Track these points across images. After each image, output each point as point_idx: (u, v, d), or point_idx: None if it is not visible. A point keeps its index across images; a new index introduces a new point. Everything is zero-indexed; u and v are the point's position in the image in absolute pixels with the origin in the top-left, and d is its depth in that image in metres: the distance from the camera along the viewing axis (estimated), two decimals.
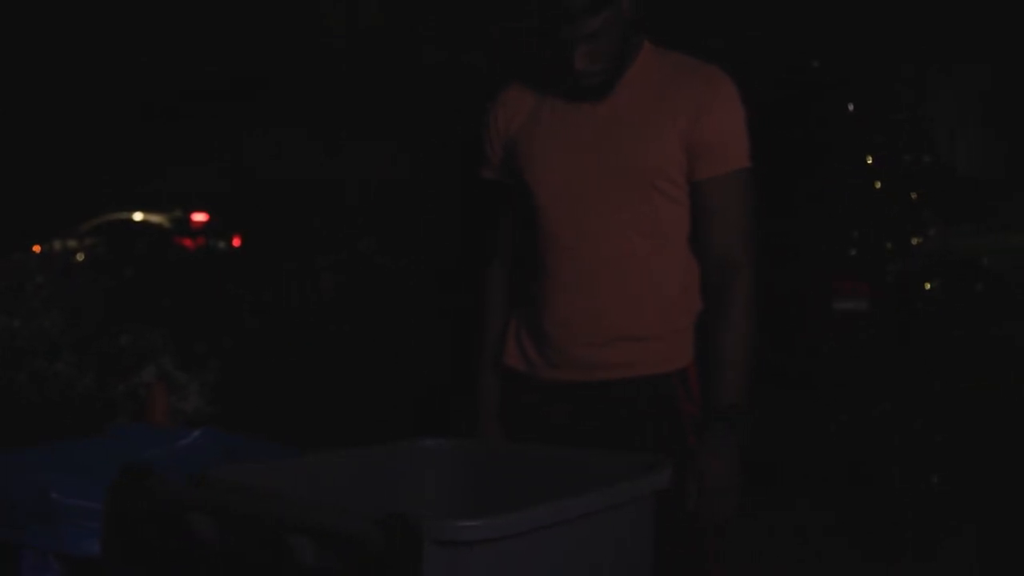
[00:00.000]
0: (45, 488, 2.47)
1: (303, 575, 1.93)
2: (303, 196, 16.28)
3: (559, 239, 2.60)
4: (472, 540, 1.90)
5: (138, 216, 18.82)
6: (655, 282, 2.60)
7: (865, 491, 5.13)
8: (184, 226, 18.49)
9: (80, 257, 15.13)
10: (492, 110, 2.74)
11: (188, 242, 17.73)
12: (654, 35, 2.62)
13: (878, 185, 5.35)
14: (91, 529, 2.36)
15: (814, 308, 5.06)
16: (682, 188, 2.57)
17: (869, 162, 5.40)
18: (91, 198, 19.30)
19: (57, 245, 17.05)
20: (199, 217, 18.45)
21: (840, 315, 5.12)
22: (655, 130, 2.52)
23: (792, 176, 5.18)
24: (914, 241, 6.36)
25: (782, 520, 4.73)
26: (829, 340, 5.08)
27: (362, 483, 2.50)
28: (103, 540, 2.21)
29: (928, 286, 5.94)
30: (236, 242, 17.69)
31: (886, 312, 5.17)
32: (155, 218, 18.54)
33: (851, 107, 5.37)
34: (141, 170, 21.97)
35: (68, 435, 3.03)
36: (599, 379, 2.61)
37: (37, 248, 16.40)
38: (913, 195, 6.52)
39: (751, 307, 2.55)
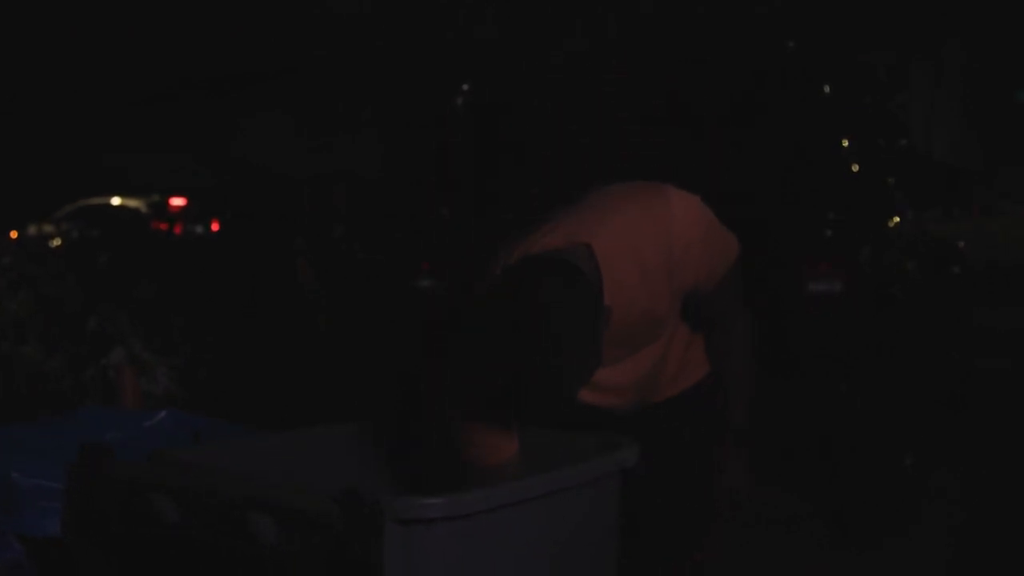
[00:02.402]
0: (6, 469, 2.45)
1: (264, 553, 1.91)
2: (284, 183, 16.31)
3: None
4: (433, 518, 1.89)
5: (116, 201, 18.73)
6: (687, 341, 2.64)
7: (835, 473, 5.13)
8: (162, 211, 18.41)
9: (56, 242, 15.06)
10: None
11: (165, 226, 17.67)
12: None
13: (855, 168, 5.34)
14: (52, 509, 2.34)
15: (787, 290, 5.04)
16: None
17: (844, 145, 5.39)
18: (69, 184, 19.23)
19: (33, 230, 16.96)
20: (177, 201, 18.38)
21: (815, 297, 5.11)
22: (650, 296, 2.41)
23: (765, 157, 5.16)
24: (889, 224, 6.36)
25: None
26: (803, 322, 5.07)
27: (324, 462, 2.49)
28: (63, 520, 2.19)
29: (907, 268, 5.93)
30: (214, 226, 17.66)
31: (862, 294, 5.16)
32: (133, 203, 18.45)
33: (827, 89, 5.35)
34: (121, 156, 21.92)
35: (32, 417, 3.01)
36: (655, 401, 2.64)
37: (14, 234, 16.33)
38: (889, 179, 6.50)
39: (752, 345, 2.64)
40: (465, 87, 3.74)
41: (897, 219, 6.96)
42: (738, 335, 2.62)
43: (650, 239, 2.33)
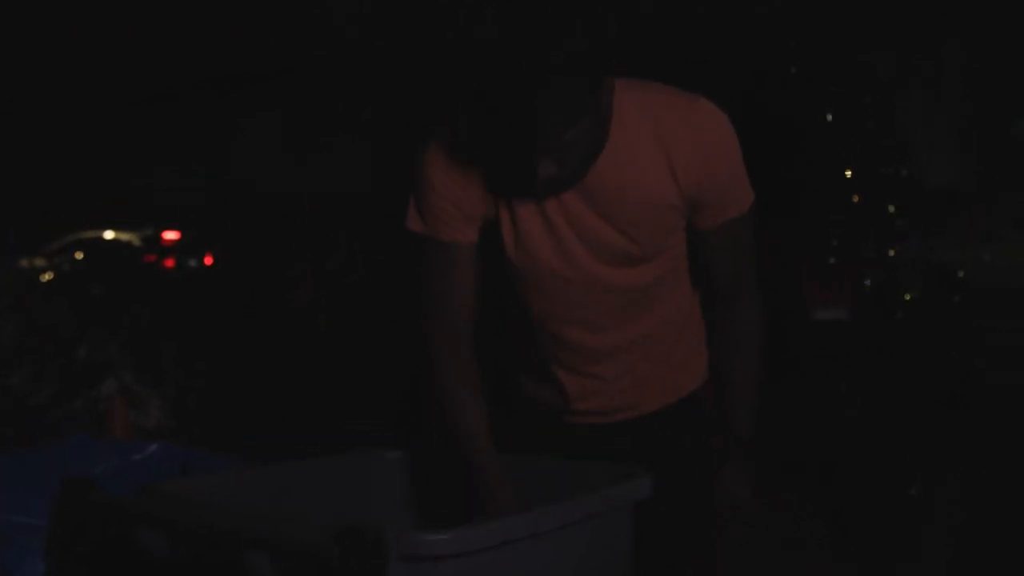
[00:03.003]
0: None
1: None
2: (275, 208, 16.21)
3: (556, 313, 2.35)
4: (440, 555, 1.78)
5: (109, 234, 18.66)
6: (674, 334, 2.45)
7: (840, 491, 5.05)
8: (155, 244, 18.35)
9: (47, 276, 14.95)
10: (430, 173, 2.23)
11: (157, 259, 17.59)
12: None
13: (856, 199, 5.26)
14: (36, 548, 2.22)
15: (792, 318, 4.94)
16: (682, 233, 2.33)
17: (848, 175, 5.30)
18: (64, 216, 19.14)
19: (24, 263, 16.86)
20: (170, 235, 18.31)
21: (820, 325, 5.00)
22: (655, 197, 2.21)
23: (770, 184, 5.08)
24: (891, 252, 6.28)
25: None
26: (808, 351, 4.96)
27: (323, 495, 2.37)
28: (47, 558, 2.08)
29: (908, 296, 5.86)
30: (208, 260, 17.59)
31: (867, 322, 5.07)
32: (126, 236, 18.37)
33: (829, 118, 5.25)
34: (115, 185, 21.81)
35: (17, 448, 2.89)
36: (630, 418, 2.50)
37: None
38: (891, 207, 6.45)
39: (760, 331, 2.45)
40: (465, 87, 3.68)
41: (898, 247, 6.90)
42: (747, 330, 2.42)
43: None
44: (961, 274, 8.47)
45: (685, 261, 2.40)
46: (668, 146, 2.16)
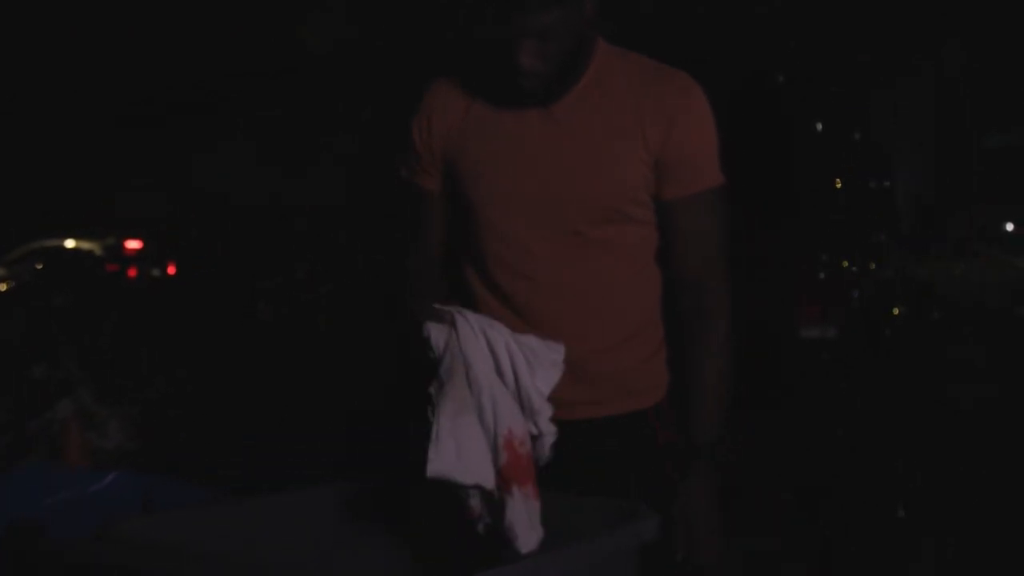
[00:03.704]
0: None
1: None
2: (245, 221, 15.98)
3: (509, 264, 2.30)
4: None
5: (70, 243, 18.37)
6: (624, 308, 2.34)
7: (820, 519, 4.95)
8: (117, 253, 18.07)
9: (4, 287, 14.62)
10: (425, 107, 2.38)
11: (120, 269, 17.32)
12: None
13: (845, 212, 5.13)
14: None
15: (779, 336, 4.78)
16: (649, 207, 2.30)
17: (838, 186, 5.15)
18: (23, 225, 18.83)
19: None
20: (133, 244, 18.03)
21: (807, 344, 4.84)
22: (621, 147, 2.23)
23: (756, 196, 4.93)
24: (871, 266, 6.17)
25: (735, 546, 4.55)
26: (794, 370, 4.81)
27: (293, 532, 2.17)
28: None
29: (896, 312, 5.72)
30: (171, 270, 17.30)
31: (855, 339, 4.93)
32: (87, 245, 18.08)
33: (819, 127, 5.11)
34: (78, 197, 21.52)
35: None
36: (561, 418, 2.27)
37: None
38: (874, 220, 6.34)
39: (728, 332, 2.32)
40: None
41: (879, 261, 6.80)
42: (716, 324, 2.30)
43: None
44: (940, 291, 8.40)
45: (651, 263, 2.33)
46: (641, 101, 2.21)
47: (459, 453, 1.89)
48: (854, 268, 5.35)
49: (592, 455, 2.33)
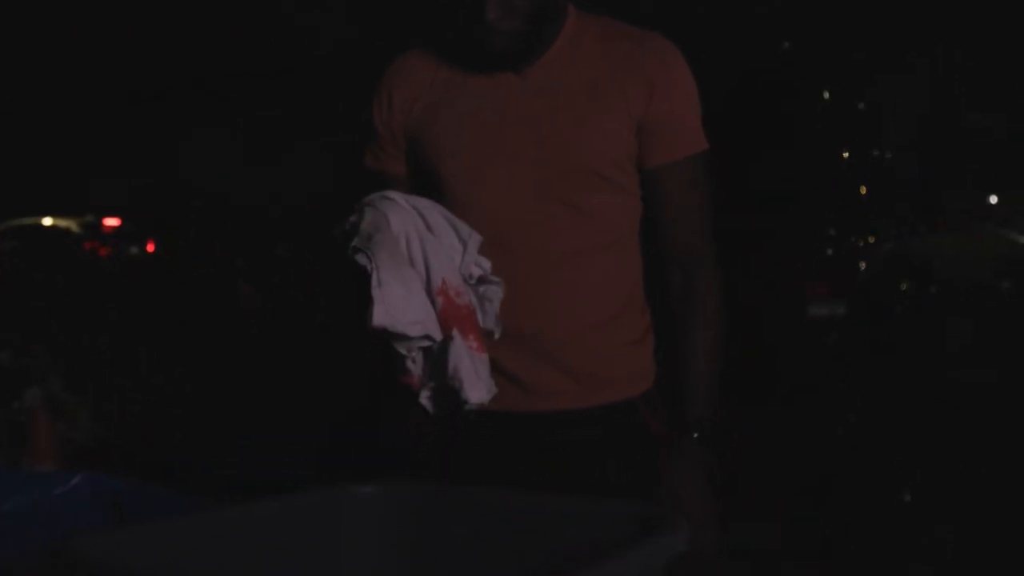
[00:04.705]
0: None
1: None
2: (226, 202, 15.85)
3: (484, 239, 2.08)
4: None
5: (47, 221, 18.17)
6: (606, 284, 2.18)
7: (823, 509, 4.83)
8: (96, 231, 17.89)
9: None
10: (385, 84, 2.25)
11: (99, 247, 17.14)
12: None
13: (860, 188, 4.93)
14: None
15: (786, 315, 4.58)
16: (632, 176, 2.16)
17: (845, 156, 4.95)
18: (0, 203, 18.65)
19: None
20: (111, 222, 17.85)
21: (814, 322, 4.65)
22: (600, 109, 2.11)
23: (761, 169, 4.72)
24: (871, 240, 6.03)
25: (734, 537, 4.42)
26: (802, 350, 4.62)
27: (272, 547, 1.94)
28: None
29: (903, 287, 5.55)
30: (150, 247, 17.12)
31: (863, 317, 4.75)
32: (65, 223, 17.88)
33: (826, 95, 4.90)
34: (60, 177, 21.36)
35: None
36: (544, 410, 2.14)
37: None
38: (863, 192, 6.17)
39: (720, 307, 2.19)
40: None
41: (874, 239, 6.66)
42: (710, 301, 2.17)
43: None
44: (935, 264, 8.27)
45: (635, 239, 2.20)
46: (619, 61, 2.12)
47: (407, 300, 1.79)
48: (860, 243, 5.17)
49: (580, 448, 2.16)
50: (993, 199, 23.57)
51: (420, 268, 1.85)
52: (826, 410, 4.66)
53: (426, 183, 2.19)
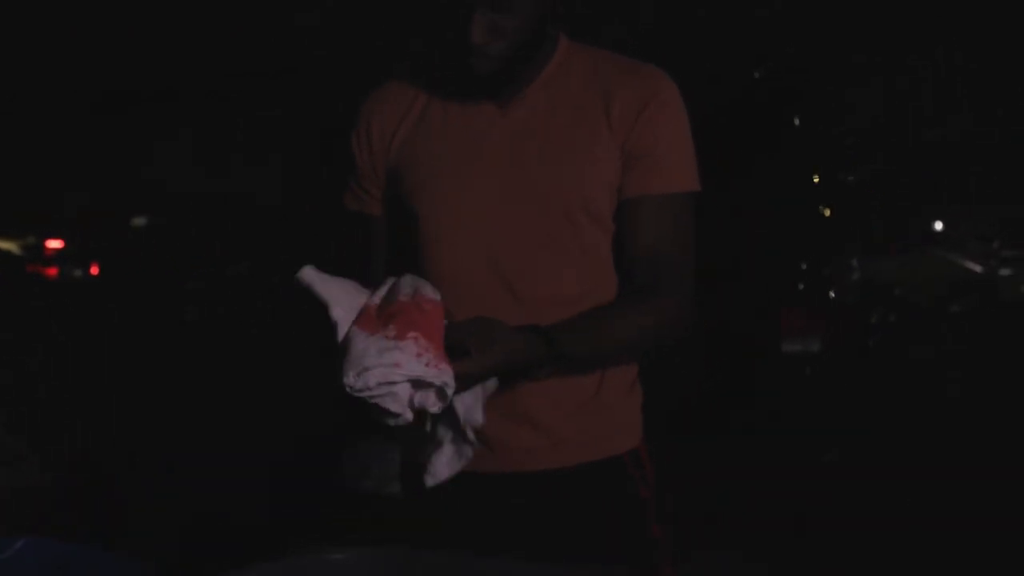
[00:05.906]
0: None
1: None
2: (179, 215, 15.56)
3: (461, 283, 1.97)
4: None
5: None
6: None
7: (807, 543, 4.73)
8: (38, 253, 17.57)
9: None
10: (363, 115, 2.12)
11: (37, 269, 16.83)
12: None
13: (827, 212, 4.78)
14: None
15: (761, 351, 4.41)
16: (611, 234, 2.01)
17: (816, 181, 4.80)
18: None
19: None
20: (54, 244, 17.53)
21: (790, 358, 4.47)
22: (587, 144, 1.97)
23: (731, 197, 4.58)
24: (827, 268, 5.94)
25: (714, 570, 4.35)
26: (777, 387, 4.46)
27: None
28: None
29: (873, 320, 5.43)
30: (94, 270, 16.81)
31: (839, 351, 4.61)
32: (5, 244, 17.55)
33: (797, 122, 4.76)
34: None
35: None
36: (521, 471, 1.98)
37: None
38: (826, 214, 6.05)
39: (664, 325, 1.97)
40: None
41: (836, 262, 6.58)
42: (660, 306, 1.96)
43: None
44: (897, 291, 8.18)
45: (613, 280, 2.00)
46: (608, 89, 2.01)
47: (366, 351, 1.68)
48: (831, 274, 5.04)
49: (561, 511, 1.99)
50: (939, 225, 23.81)
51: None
52: (807, 444, 4.54)
53: (402, 219, 2.05)
